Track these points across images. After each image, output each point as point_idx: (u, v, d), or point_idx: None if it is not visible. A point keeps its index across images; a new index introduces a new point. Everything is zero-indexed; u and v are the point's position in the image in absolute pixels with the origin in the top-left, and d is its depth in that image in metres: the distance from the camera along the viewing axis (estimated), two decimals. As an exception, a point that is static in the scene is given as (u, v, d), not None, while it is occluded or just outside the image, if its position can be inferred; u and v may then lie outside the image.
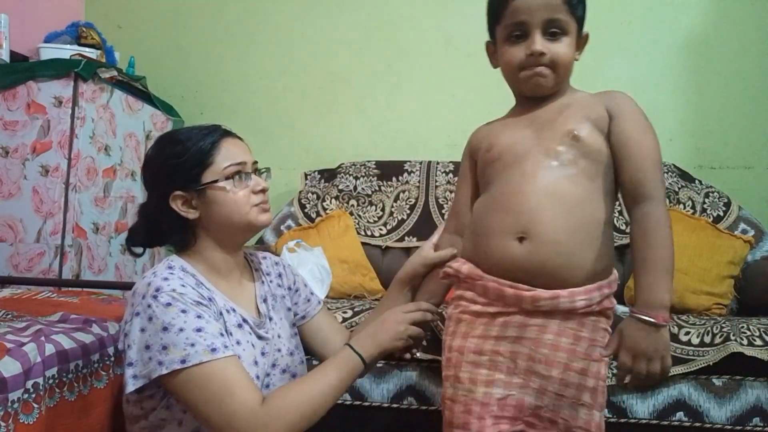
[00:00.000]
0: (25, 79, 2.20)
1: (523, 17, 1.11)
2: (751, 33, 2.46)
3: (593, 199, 1.11)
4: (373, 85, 2.71)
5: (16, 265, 2.16)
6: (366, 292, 2.16)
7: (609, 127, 1.12)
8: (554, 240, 1.06)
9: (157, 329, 1.02)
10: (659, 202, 1.11)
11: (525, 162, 1.12)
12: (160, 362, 1.00)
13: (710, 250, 2.01)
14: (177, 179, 1.13)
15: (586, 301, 1.07)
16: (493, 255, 1.10)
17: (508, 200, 1.11)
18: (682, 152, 2.47)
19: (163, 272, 1.08)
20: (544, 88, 1.15)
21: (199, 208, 1.14)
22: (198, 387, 1.00)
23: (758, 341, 1.54)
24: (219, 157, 1.14)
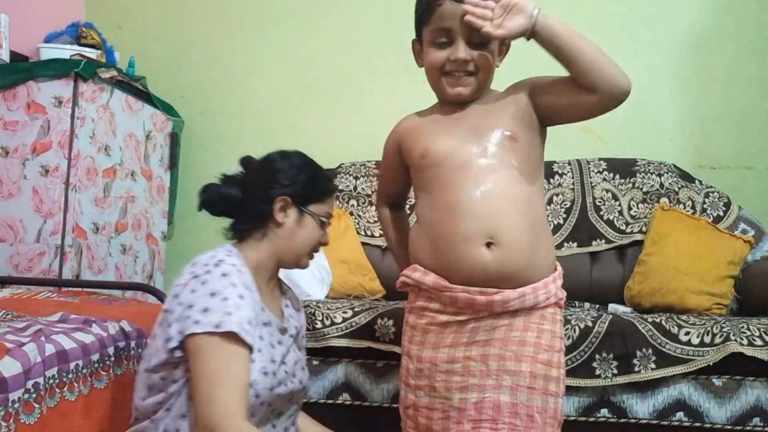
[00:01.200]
0: (25, 79, 2.20)
1: (449, 24, 1.15)
2: (751, 33, 2.46)
3: (535, 197, 1.18)
4: (373, 85, 2.71)
5: (16, 265, 2.16)
6: (366, 292, 2.16)
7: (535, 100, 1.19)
8: (518, 243, 1.12)
9: (206, 292, 1.09)
10: None
11: (471, 166, 1.15)
12: (197, 321, 1.07)
13: (710, 250, 2.01)
14: (297, 190, 1.25)
15: (545, 294, 1.14)
16: (463, 264, 1.13)
17: (465, 206, 1.13)
18: (682, 152, 2.47)
19: (225, 251, 1.17)
20: (465, 96, 1.20)
21: (286, 221, 1.24)
22: (213, 358, 1.06)
23: (758, 341, 1.54)
24: (329, 202, 1.30)
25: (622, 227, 2.23)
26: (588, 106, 1.13)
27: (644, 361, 1.56)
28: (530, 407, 1.11)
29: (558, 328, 1.17)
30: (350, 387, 1.68)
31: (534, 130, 1.20)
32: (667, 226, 2.11)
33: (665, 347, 1.56)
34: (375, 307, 1.75)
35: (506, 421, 1.10)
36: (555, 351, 1.14)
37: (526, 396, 1.11)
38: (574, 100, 1.13)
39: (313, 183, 1.28)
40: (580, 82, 1.10)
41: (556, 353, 1.14)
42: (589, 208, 2.27)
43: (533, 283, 1.13)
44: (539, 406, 1.11)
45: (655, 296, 1.97)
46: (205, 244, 2.85)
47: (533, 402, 1.11)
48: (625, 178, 2.31)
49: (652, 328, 1.60)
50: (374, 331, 1.66)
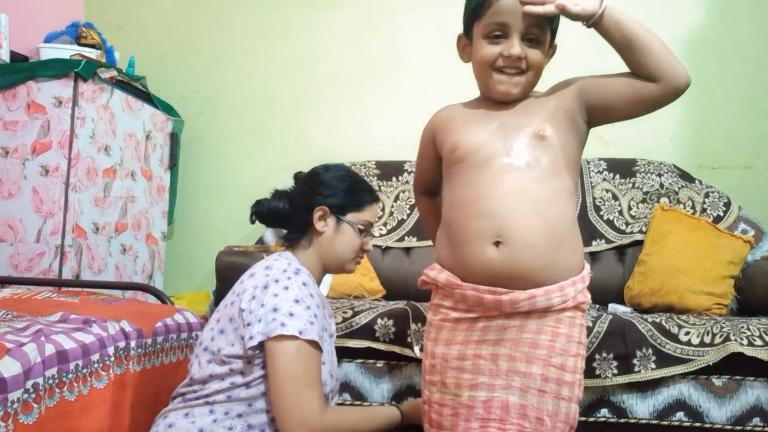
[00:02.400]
0: (25, 79, 2.20)
1: (506, 19, 1.14)
2: (750, 33, 2.46)
3: (560, 198, 1.14)
4: (373, 85, 2.71)
5: (16, 265, 2.16)
6: (366, 292, 2.16)
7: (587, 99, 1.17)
8: (529, 243, 1.09)
9: (290, 298, 1.17)
10: None
11: (491, 164, 1.14)
12: (283, 324, 1.14)
13: (710, 250, 2.01)
14: (336, 200, 1.32)
15: (561, 297, 1.10)
16: (471, 262, 1.12)
17: (479, 204, 1.12)
18: (682, 152, 2.47)
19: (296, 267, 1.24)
20: (514, 95, 1.19)
21: (326, 230, 1.31)
22: (296, 360, 1.13)
23: (758, 341, 1.54)
24: (367, 211, 1.35)
25: (622, 227, 2.23)
26: (649, 97, 1.12)
27: (644, 361, 1.56)
28: (540, 410, 1.09)
29: (576, 332, 1.13)
30: (350, 387, 1.68)
31: (571, 130, 1.18)
32: (667, 226, 2.11)
33: (665, 347, 1.56)
34: (375, 307, 1.75)
35: (514, 422, 1.09)
36: (570, 355, 1.11)
37: (536, 399, 1.09)
38: (635, 93, 1.12)
39: (350, 193, 1.34)
40: (646, 70, 1.10)
41: (571, 357, 1.11)
42: (589, 208, 2.27)
43: (550, 285, 1.10)
44: (549, 410, 1.09)
45: (655, 296, 1.97)
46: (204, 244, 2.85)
47: (543, 405, 1.09)
48: (625, 178, 2.31)
49: (652, 328, 1.60)
50: (374, 331, 1.66)
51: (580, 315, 1.15)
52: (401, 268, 2.27)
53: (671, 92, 1.11)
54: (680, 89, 1.11)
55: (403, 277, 2.26)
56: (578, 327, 1.14)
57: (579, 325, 1.14)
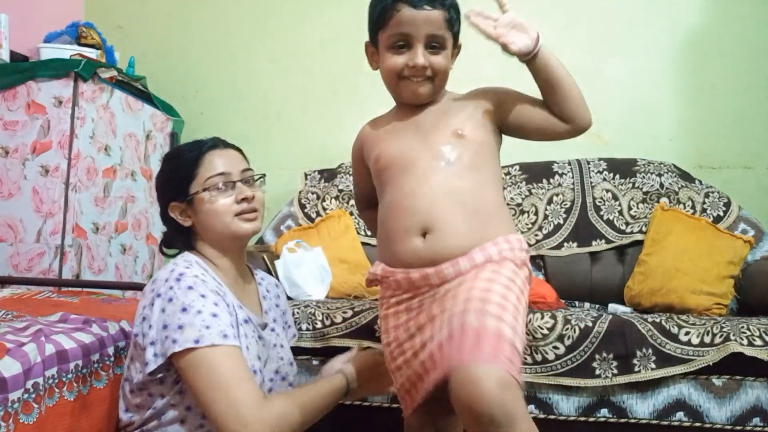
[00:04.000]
0: (25, 79, 2.20)
1: (408, 29, 1.19)
2: (750, 32, 2.46)
3: (482, 188, 1.17)
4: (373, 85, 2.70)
5: (16, 265, 2.16)
6: (366, 292, 2.16)
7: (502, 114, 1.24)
8: (452, 229, 1.12)
9: (177, 309, 1.09)
10: None
11: (415, 168, 1.19)
12: (175, 340, 1.07)
13: (710, 250, 2.01)
14: (170, 191, 1.25)
15: (482, 256, 1.11)
16: (401, 254, 1.16)
17: (406, 203, 1.17)
18: (682, 152, 2.47)
19: (184, 263, 1.17)
20: (422, 97, 1.24)
21: (192, 217, 1.24)
22: (208, 369, 1.05)
23: (758, 341, 1.54)
24: (202, 169, 1.22)
25: (622, 227, 2.23)
26: (557, 133, 1.21)
27: (644, 361, 1.56)
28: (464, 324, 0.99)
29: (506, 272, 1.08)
30: (350, 387, 1.68)
31: (488, 131, 1.23)
32: (667, 226, 2.11)
33: (665, 347, 1.56)
34: (375, 307, 1.75)
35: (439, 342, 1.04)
36: (497, 283, 1.06)
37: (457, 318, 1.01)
38: (546, 124, 1.20)
39: (175, 170, 1.25)
40: (559, 112, 1.18)
41: (498, 285, 1.05)
42: (589, 208, 2.27)
43: None
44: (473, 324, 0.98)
45: (655, 296, 1.97)
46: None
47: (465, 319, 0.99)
48: (625, 178, 2.31)
49: (652, 328, 1.60)
50: (374, 331, 1.66)
51: (509, 265, 1.11)
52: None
53: (576, 133, 1.20)
54: (583, 131, 1.21)
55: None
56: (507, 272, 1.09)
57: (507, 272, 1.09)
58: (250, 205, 1.23)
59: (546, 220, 2.28)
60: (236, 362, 1.08)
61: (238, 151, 1.29)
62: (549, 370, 1.58)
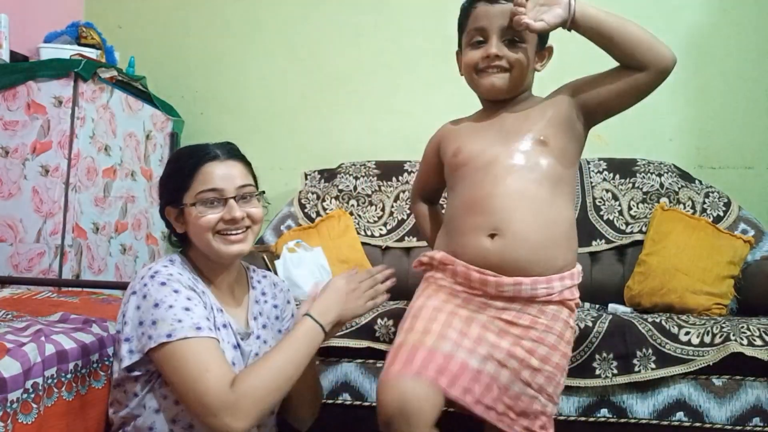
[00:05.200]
0: (25, 79, 2.20)
1: (483, 23, 1.19)
2: (750, 32, 2.46)
3: (558, 200, 1.17)
4: (373, 85, 2.71)
5: (16, 265, 2.16)
6: (366, 292, 2.16)
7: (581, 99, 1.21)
8: (523, 237, 1.12)
9: (150, 305, 1.10)
10: None
11: (494, 167, 1.17)
12: (150, 336, 1.08)
13: (710, 250, 2.01)
14: (166, 195, 1.25)
15: (546, 289, 1.12)
16: (466, 250, 1.16)
17: (479, 202, 1.16)
18: (682, 152, 2.47)
19: (164, 261, 1.18)
20: (499, 90, 1.22)
21: (184, 224, 1.23)
22: (179, 361, 1.06)
23: (758, 341, 1.54)
24: (195, 182, 1.19)
25: (622, 227, 2.23)
26: (640, 86, 1.15)
27: (644, 361, 1.56)
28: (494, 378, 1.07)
29: (559, 326, 1.14)
30: (350, 387, 1.68)
31: (570, 137, 1.21)
32: (667, 226, 2.11)
33: (665, 347, 1.56)
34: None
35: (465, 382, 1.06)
36: (545, 345, 1.11)
37: (494, 367, 1.07)
38: (625, 84, 1.15)
39: (172, 176, 1.23)
40: (630, 62, 1.13)
41: (545, 347, 1.11)
42: (589, 208, 2.27)
43: None
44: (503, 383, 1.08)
45: (655, 296, 1.97)
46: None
47: (499, 376, 1.08)
48: (625, 178, 2.31)
49: (652, 328, 1.60)
50: (374, 331, 1.66)
51: (566, 312, 1.16)
52: (401, 268, 2.27)
53: (660, 76, 1.14)
54: (668, 71, 1.14)
55: (403, 277, 2.23)
56: (562, 322, 1.14)
57: (563, 320, 1.15)
58: (234, 226, 1.19)
59: (546, 220, 2.28)
60: (207, 353, 1.07)
61: (241, 162, 1.25)
62: (549, 370, 1.58)
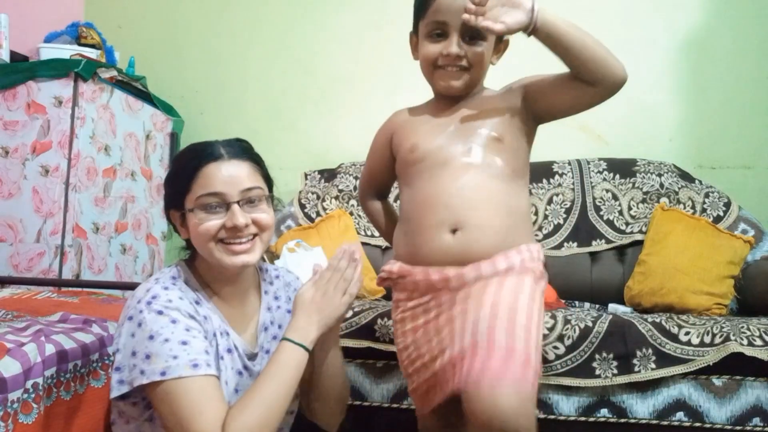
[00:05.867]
0: (25, 79, 2.20)
1: (445, 18, 1.16)
2: (750, 32, 2.46)
3: (514, 193, 1.18)
4: (373, 85, 2.71)
5: (16, 265, 2.16)
6: (366, 292, 2.16)
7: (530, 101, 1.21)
8: (485, 227, 1.12)
9: (144, 336, 1.01)
10: None
11: (451, 164, 1.17)
12: (143, 371, 1.00)
13: (710, 250, 2.01)
14: (169, 198, 1.16)
15: (506, 263, 1.11)
16: (427, 248, 1.15)
17: (438, 198, 1.16)
18: (682, 152, 2.47)
19: (166, 281, 1.09)
20: (455, 89, 1.22)
21: (187, 230, 1.13)
22: (172, 401, 0.98)
23: (758, 341, 1.54)
24: (196, 185, 1.09)
25: (622, 227, 2.23)
26: (588, 98, 1.14)
27: (644, 361, 1.56)
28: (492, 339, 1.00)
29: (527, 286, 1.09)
30: (350, 387, 1.67)
31: (522, 133, 1.22)
32: (667, 226, 2.11)
33: (665, 347, 1.56)
34: (375, 307, 1.75)
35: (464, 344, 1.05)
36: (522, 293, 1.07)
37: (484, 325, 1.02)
38: (574, 95, 1.14)
39: (174, 178, 1.13)
40: (582, 77, 1.11)
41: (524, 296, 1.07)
42: (589, 208, 2.27)
43: None
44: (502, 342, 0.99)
45: (655, 296, 1.97)
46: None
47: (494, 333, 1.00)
48: (625, 178, 2.31)
49: (652, 328, 1.60)
50: (374, 331, 1.66)
51: (530, 276, 1.12)
52: (401, 268, 2.27)
53: (608, 93, 1.12)
54: (617, 89, 1.12)
55: (403, 277, 2.26)
56: (529, 284, 1.10)
57: (530, 283, 1.11)
58: (237, 234, 1.09)
59: (546, 220, 2.28)
60: (201, 393, 0.99)
61: (250, 161, 1.15)
62: (549, 370, 1.58)
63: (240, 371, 1.13)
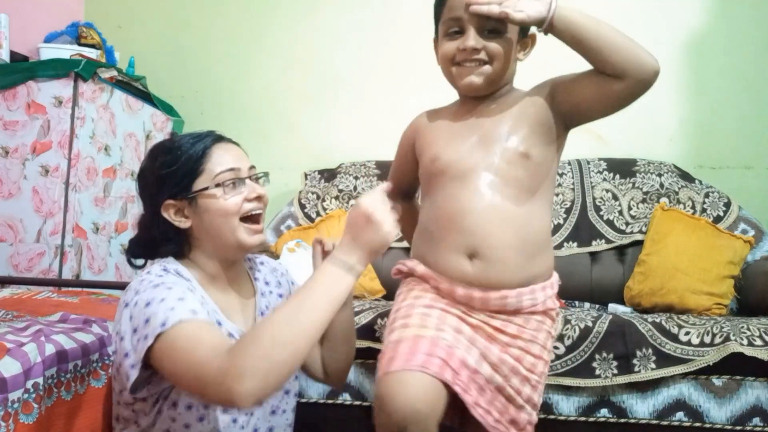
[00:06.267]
0: (25, 79, 2.20)
1: (460, 13, 1.11)
2: (750, 32, 2.46)
3: (536, 213, 1.13)
4: (373, 85, 2.71)
5: (16, 265, 2.16)
6: (366, 292, 2.16)
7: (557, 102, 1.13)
8: (502, 259, 1.09)
9: (141, 307, 0.99)
10: None
11: (472, 178, 1.12)
12: (145, 336, 0.97)
13: (710, 250, 2.01)
14: (168, 188, 1.11)
15: (531, 300, 1.11)
16: (446, 270, 1.12)
17: (455, 218, 1.11)
18: (682, 152, 2.47)
19: (158, 271, 1.08)
20: (478, 88, 1.15)
21: (191, 218, 1.12)
22: (175, 346, 0.95)
23: (758, 341, 1.54)
24: (210, 164, 1.11)
25: (622, 227, 2.23)
26: (617, 95, 1.06)
27: (644, 361, 1.56)
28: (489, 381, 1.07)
29: (542, 337, 1.12)
30: (350, 387, 1.68)
31: (550, 141, 1.15)
32: (667, 226, 2.11)
33: (665, 347, 1.56)
34: (375, 307, 1.75)
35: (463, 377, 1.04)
36: (530, 354, 1.11)
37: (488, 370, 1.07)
38: (602, 92, 1.07)
39: (175, 164, 1.11)
40: (606, 70, 1.04)
41: (530, 356, 1.11)
42: (589, 208, 2.27)
43: None
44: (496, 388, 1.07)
45: (655, 296, 1.97)
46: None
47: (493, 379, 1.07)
48: (625, 178, 2.31)
49: (652, 328, 1.60)
50: (374, 331, 1.66)
51: (549, 322, 1.15)
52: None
53: (639, 87, 1.04)
54: (648, 81, 1.04)
55: (403, 277, 2.26)
56: (544, 332, 1.14)
57: (546, 331, 1.14)
58: (261, 203, 1.14)
59: (546, 220, 2.28)
60: (201, 331, 0.96)
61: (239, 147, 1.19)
62: (549, 370, 1.58)
63: None
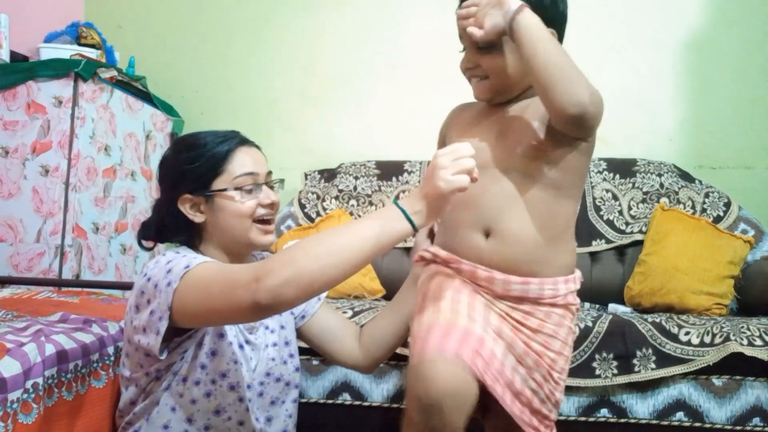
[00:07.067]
0: (25, 79, 2.20)
1: (460, 32, 1.14)
2: (751, 32, 2.46)
3: (558, 203, 1.12)
4: (373, 85, 2.71)
5: (16, 265, 2.16)
6: (366, 292, 2.16)
7: None
8: (518, 240, 1.09)
9: (161, 269, 1.04)
10: None
11: (490, 169, 1.12)
12: (169, 283, 1.01)
13: (710, 250, 2.01)
14: (188, 183, 1.16)
15: (553, 291, 1.10)
16: (461, 248, 1.12)
17: (472, 198, 1.09)
18: (682, 152, 2.47)
19: (171, 255, 1.11)
20: (484, 98, 1.18)
21: (205, 213, 1.17)
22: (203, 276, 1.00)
23: (758, 341, 1.54)
24: (231, 166, 1.17)
25: (622, 227, 2.23)
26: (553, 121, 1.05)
27: (644, 361, 1.56)
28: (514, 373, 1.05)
29: (563, 333, 1.12)
30: (350, 387, 1.68)
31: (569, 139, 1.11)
32: (667, 226, 2.11)
33: (665, 347, 1.56)
34: (375, 307, 1.75)
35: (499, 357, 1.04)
36: (551, 350, 1.10)
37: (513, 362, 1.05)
38: None
39: (198, 161, 1.16)
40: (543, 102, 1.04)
41: (551, 352, 1.10)
42: (589, 208, 2.27)
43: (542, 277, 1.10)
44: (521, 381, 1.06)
45: (655, 296, 1.97)
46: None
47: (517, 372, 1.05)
48: (625, 178, 2.31)
49: (652, 328, 1.60)
50: (374, 331, 1.66)
51: (569, 317, 1.14)
52: (401, 268, 2.27)
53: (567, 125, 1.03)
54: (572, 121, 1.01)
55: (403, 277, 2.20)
56: (566, 328, 1.13)
57: (567, 326, 1.13)
58: (273, 210, 1.21)
59: (546, 220, 2.28)
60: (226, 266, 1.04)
61: (260, 151, 1.26)
62: (549, 370, 1.58)
63: (241, 344, 1.17)
